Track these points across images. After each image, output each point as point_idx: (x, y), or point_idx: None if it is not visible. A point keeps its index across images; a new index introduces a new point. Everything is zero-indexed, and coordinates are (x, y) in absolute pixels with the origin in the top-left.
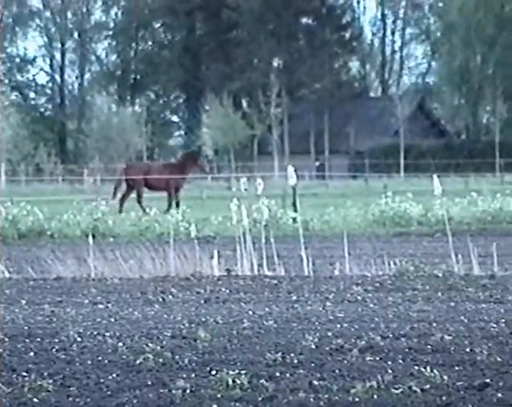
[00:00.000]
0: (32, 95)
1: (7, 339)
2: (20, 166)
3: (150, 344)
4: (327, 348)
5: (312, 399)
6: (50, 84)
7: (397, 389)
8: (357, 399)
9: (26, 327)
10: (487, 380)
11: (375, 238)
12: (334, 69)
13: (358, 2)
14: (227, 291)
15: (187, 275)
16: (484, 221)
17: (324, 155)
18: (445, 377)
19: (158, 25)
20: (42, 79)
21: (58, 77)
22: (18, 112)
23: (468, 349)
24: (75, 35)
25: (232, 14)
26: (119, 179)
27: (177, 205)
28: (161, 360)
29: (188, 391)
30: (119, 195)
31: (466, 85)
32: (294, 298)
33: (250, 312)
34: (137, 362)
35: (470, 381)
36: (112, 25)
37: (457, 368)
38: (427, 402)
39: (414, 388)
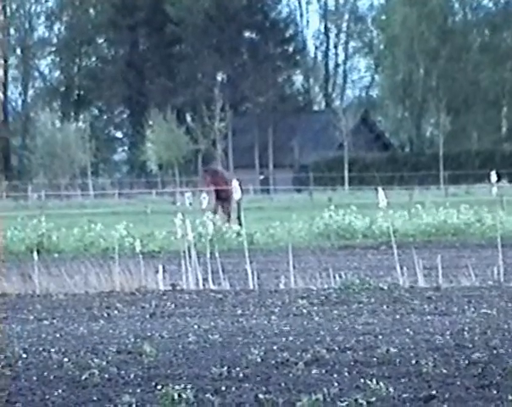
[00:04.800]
0: None
1: None
2: None
3: (95, 360)
4: (273, 362)
5: None
6: None
7: (343, 402)
8: None
9: None
10: (433, 392)
11: (320, 251)
12: (277, 82)
13: (302, 16)
14: (172, 305)
15: (132, 290)
16: (429, 233)
17: (268, 169)
18: (391, 390)
19: (101, 41)
20: None
21: (1, 94)
22: None
23: (414, 361)
24: (18, 51)
25: (176, 29)
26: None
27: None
28: (106, 376)
29: (134, 406)
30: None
31: (410, 97)
32: (239, 311)
33: (195, 326)
34: (83, 377)
35: (415, 394)
36: (55, 40)
37: (403, 380)
38: None
39: (361, 401)
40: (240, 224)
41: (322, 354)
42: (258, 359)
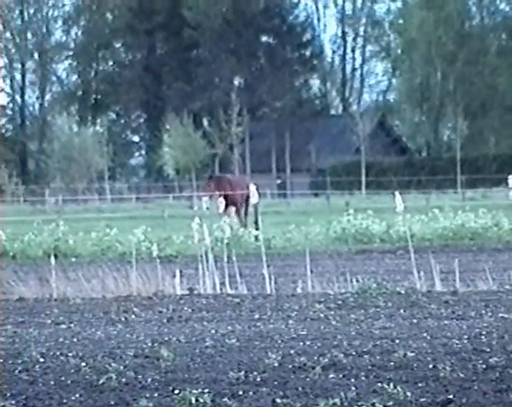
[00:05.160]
0: None
1: None
2: None
3: (113, 364)
4: (290, 366)
5: None
6: (11, 105)
7: (360, 406)
8: None
9: None
10: (450, 396)
11: (338, 256)
12: (295, 87)
13: (319, 20)
14: (189, 310)
15: (150, 294)
16: (446, 238)
17: (285, 173)
18: (408, 394)
19: (118, 45)
20: (3, 100)
21: (18, 98)
22: None
23: (431, 366)
24: (36, 55)
25: (193, 33)
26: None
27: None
28: (124, 380)
29: None
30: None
31: (427, 101)
32: (257, 316)
33: (213, 331)
34: (100, 382)
35: (433, 398)
36: (72, 45)
37: (420, 384)
38: None
39: (378, 405)
40: (257, 228)
41: (339, 358)
42: (276, 364)
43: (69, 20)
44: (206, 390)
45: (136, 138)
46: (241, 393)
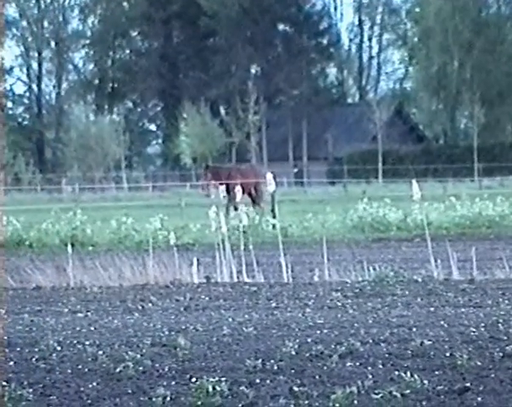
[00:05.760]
0: (10, 105)
1: None
2: None
3: (130, 352)
4: (307, 355)
5: (292, 405)
6: (27, 94)
7: (377, 394)
8: (337, 405)
9: (6, 337)
10: (467, 384)
11: (354, 244)
12: (311, 75)
13: (336, 9)
14: (207, 298)
15: (167, 282)
16: (463, 226)
17: (302, 161)
18: (425, 382)
19: (135, 34)
20: (20, 89)
21: (35, 87)
22: None
23: (448, 354)
24: (52, 44)
25: (210, 22)
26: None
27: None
28: (141, 368)
29: (168, 399)
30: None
31: (444, 90)
32: (274, 304)
33: (230, 319)
34: (117, 370)
35: (450, 386)
36: (89, 33)
37: (437, 372)
38: None
39: (395, 393)
40: (274, 216)
41: (356, 346)
42: (293, 352)
43: (85, 9)
44: (223, 378)
45: (152, 127)
46: (258, 381)
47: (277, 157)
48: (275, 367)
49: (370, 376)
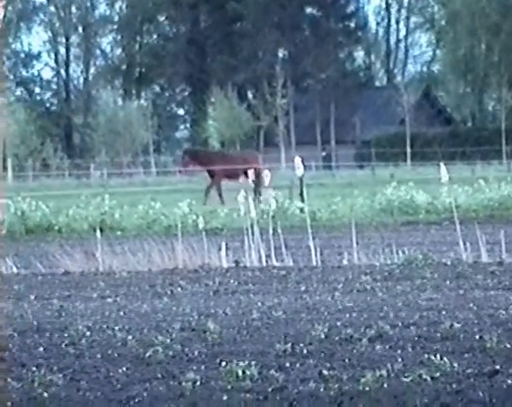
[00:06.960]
0: (38, 90)
1: (16, 334)
2: (27, 161)
3: (159, 337)
4: (337, 338)
5: (322, 389)
6: (55, 79)
7: (407, 377)
8: (367, 388)
9: (35, 322)
10: (497, 367)
11: (383, 227)
12: (339, 58)
13: None
14: (236, 282)
15: (196, 267)
16: (492, 208)
17: (330, 145)
18: (455, 365)
19: (162, 18)
20: (47, 74)
21: (63, 72)
22: (24, 107)
23: (477, 336)
24: (80, 29)
25: (237, 6)
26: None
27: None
28: (170, 353)
29: (198, 383)
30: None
31: (471, 73)
32: (303, 288)
33: (259, 303)
34: (147, 355)
35: (479, 369)
36: (116, 18)
37: (466, 355)
38: (437, 390)
39: (424, 376)
40: (302, 200)
41: (386, 329)
42: (322, 336)
43: None
44: (253, 362)
45: (180, 111)
46: (287, 365)
47: (305, 141)
48: (305, 351)
49: (400, 360)
